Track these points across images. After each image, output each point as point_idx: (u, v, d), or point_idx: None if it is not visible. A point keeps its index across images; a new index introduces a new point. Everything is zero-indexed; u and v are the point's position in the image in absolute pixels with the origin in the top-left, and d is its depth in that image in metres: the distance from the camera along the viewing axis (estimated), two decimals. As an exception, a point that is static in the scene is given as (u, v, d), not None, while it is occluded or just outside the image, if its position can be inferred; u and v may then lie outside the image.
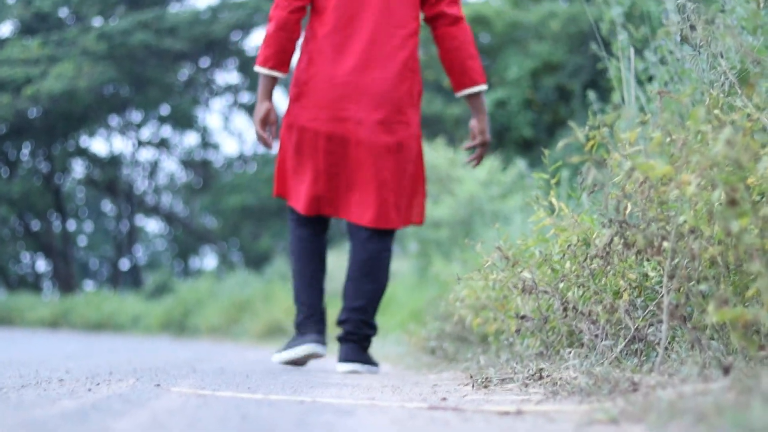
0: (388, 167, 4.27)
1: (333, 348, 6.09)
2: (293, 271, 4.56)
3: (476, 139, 4.51)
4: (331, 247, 19.03)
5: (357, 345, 4.42)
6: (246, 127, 38.59)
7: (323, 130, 4.25)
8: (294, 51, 4.33)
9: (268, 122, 4.37)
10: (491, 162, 9.94)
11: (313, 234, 4.48)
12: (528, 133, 15.99)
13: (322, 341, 4.46)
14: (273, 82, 4.34)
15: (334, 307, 11.70)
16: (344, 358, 4.42)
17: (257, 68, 4.28)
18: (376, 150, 4.25)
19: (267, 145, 4.34)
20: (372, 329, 4.45)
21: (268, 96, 4.39)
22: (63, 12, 35.34)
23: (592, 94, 5.37)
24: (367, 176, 4.26)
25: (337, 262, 15.84)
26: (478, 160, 4.61)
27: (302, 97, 4.29)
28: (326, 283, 4.71)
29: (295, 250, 4.50)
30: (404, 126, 4.29)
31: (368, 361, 4.44)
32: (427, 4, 4.35)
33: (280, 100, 40.52)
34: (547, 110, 16.05)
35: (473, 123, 4.50)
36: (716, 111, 2.40)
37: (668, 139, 2.39)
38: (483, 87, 4.42)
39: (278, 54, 4.23)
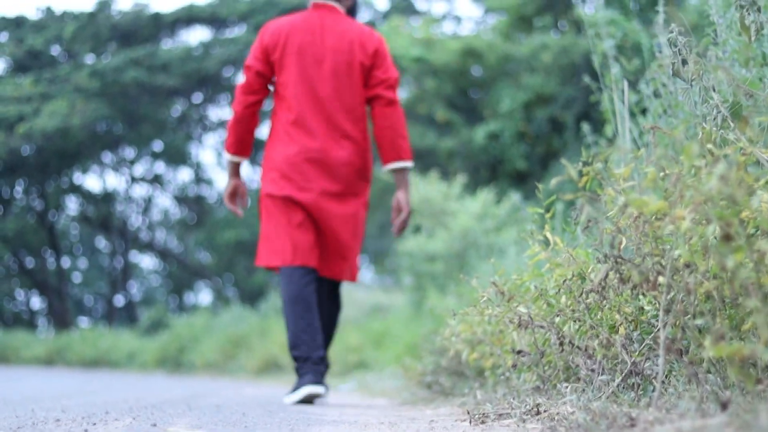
0: (347, 232, 4.95)
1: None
2: (286, 319, 4.92)
3: (401, 211, 5.09)
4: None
5: (321, 375, 4.93)
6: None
7: (290, 199, 4.90)
8: (252, 137, 5.12)
9: (236, 195, 5.20)
10: (485, 195, 9.95)
11: (302, 280, 4.89)
12: (521, 165, 16.02)
13: (320, 381, 4.84)
14: (238, 164, 5.18)
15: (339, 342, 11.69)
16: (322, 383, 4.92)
17: (224, 153, 5.08)
18: (336, 218, 4.92)
19: (236, 214, 5.21)
20: (328, 362, 5.10)
21: (236, 174, 5.24)
22: (55, 50, 35.45)
23: (585, 127, 5.38)
24: (329, 239, 4.95)
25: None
26: (400, 230, 5.14)
27: (272, 172, 4.96)
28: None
29: (284, 304, 4.93)
30: (356, 197, 4.97)
31: (325, 385, 4.99)
32: (368, 86, 4.97)
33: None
34: (541, 142, 16.09)
35: (398, 195, 5.06)
36: (709, 145, 2.41)
37: (662, 174, 2.40)
38: (409, 164, 5.04)
39: (238, 143, 5.05)
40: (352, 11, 5.16)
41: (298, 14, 5.04)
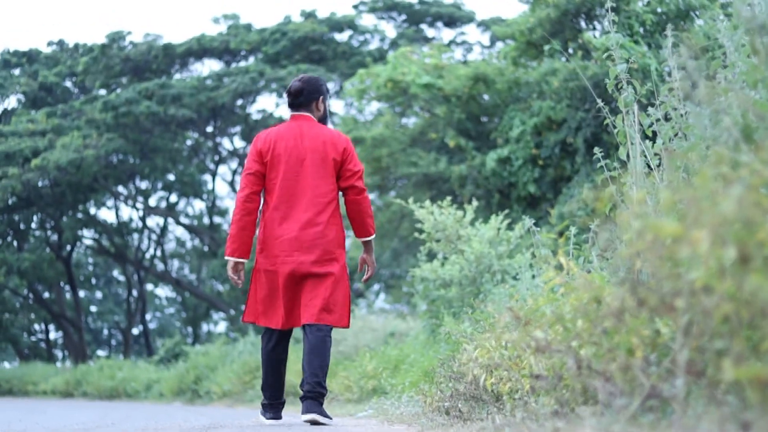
0: (323, 287, 6.02)
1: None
2: (263, 372, 6.32)
3: (368, 269, 6.37)
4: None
5: (316, 401, 5.95)
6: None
7: (279, 271, 6.05)
8: (251, 240, 6.20)
9: (237, 271, 6.18)
10: (498, 220, 9.95)
11: (277, 345, 6.20)
12: (533, 189, 16.03)
13: (279, 416, 6.39)
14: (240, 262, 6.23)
15: (345, 369, 11.68)
16: (305, 411, 5.93)
17: (227, 257, 6.19)
18: (316, 280, 6.04)
19: (237, 284, 6.22)
20: (323, 389, 5.99)
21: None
22: (68, 83, 35.67)
23: (597, 151, 5.39)
24: (309, 294, 6.04)
25: (351, 321, 15.84)
26: (366, 281, 6.43)
27: (264, 251, 6.11)
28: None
29: (263, 359, 6.29)
30: (332, 261, 6.06)
31: (323, 413, 5.93)
32: (341, 179, 6.19)
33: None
34: (552, 166, 16.10)
35: (365, 257, 6.38)
36: (723, 167, 2.42)
37: (677, 197, 2.41)
38: (372, 237, 6.36)
39: (241, 247, 6.15)
40: (323, 120, 6.39)
41: (282, 124, 6.34)
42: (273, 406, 6.36)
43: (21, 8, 72.44)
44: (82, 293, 44.46)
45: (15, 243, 35.16)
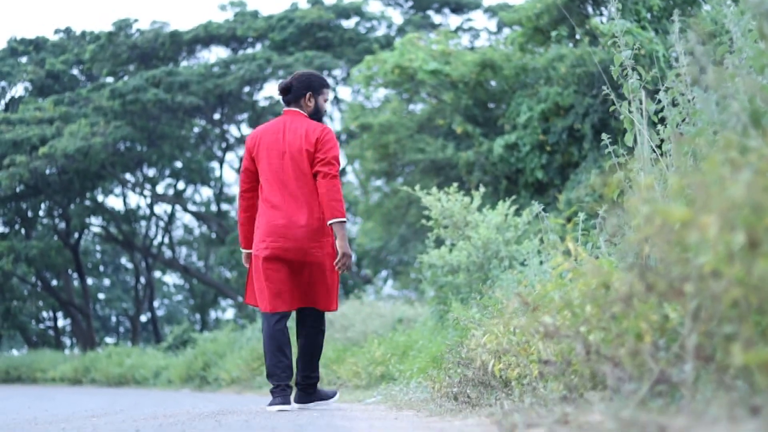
0: (313, 276, 6.46)
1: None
2: (265, 353, 6.54)
3: (339, 256, 6.44)
4: (348, 298, 19.01)
5: (302, 392, 6.63)
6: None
7: (268, 256, 6.43)
8: (252, 232, 6.69)
9: (248, 260, 6.75)
10: (505, 206, 9.94)
11: (276, 324, 6.47)
12: (540, 175, 16.02)
13: (287, 401, 6.44)
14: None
15: (353, 355, 11.70)
16: (296, 401, 6.64)
17: (241, 248, 6.76)
18: (300, 265, 6.44)
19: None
20: (313, 378, 6.64)
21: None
22: (75, 71, 35.67)
23: (605, 137, 5.37)
24: (298, 281, 6.48)
25: (357, 308, 15.86)
26: (341, 269, 6.50)
27: (257, 236, 6.52)
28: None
29: (264, 338, 6.55)
30: (319, 248, 6.44)
31: (311, 400, 6.62)
32: (313, 166, 6.50)
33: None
34: (559, 152, 16.09)
35: (336, 243, 6.46)
36: (732, 152, 2.42)
37: (685, 182, 2.41)
38: (343, 219, 6.45)
39: (244, 240, 6.72)
40: (315, 115, 6.75)
41: (271, 120, 6.81)
42: (278, 390, 6.61)
43: (27, -4, 72.46)
44: (90, 281, 44.53)
45: (23, 231, 35.21)
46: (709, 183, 2.21)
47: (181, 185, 39.06)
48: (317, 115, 6.80)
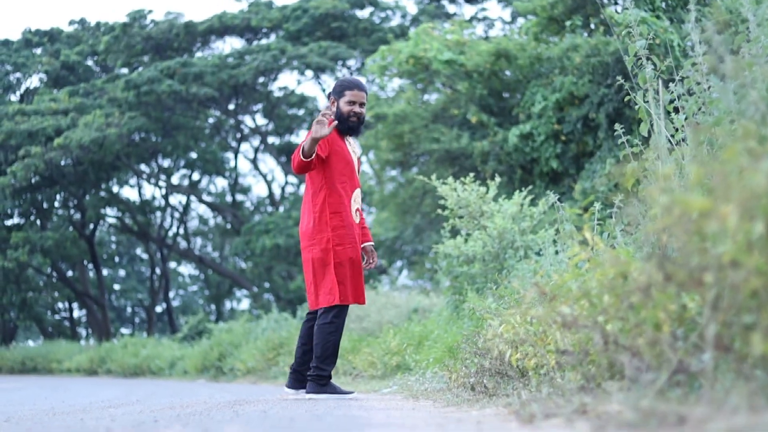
0: (312, 273, 6.65)
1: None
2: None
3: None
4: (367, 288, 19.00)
5: (313, 382, 6.63)
6: (275, 169, 38.67)
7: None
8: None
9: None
10: (520, 195, 9.93)
11: (306, 322, 6.90)
12: (555, 165, 16.00)
13: (297, 387, 6.81)
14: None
15: (368, 345, 11.72)
16: (306, 390, 6.70)
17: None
18: (305, 263, 6.78)
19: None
20: (322, 370, 6.68)
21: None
22: (90, 62, 35.74)
23: (619, 127, 5.36)
24: (306, 278, 6.80)
25: (372, 298, 15.86)
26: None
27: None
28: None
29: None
30: (310, 248, 6.64)
31: (320, 391, 6.60)
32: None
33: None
34: (574, 142, 16.06)
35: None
36: (751, 142, 2.41)
37: (705, 171, 2.41)
38: (301, 153, 6.58)
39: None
40: (337, 118, 6.62)
41: None
42: (293, 377, 6.94)
43: (42, -13, 72.56)
44: (105, 271, 44.71)
45: (38, 222, 35.33)
46: (728, 173, 2.21)
47: (195, 176, 39.13)
48: (338, 118, 6.64)
